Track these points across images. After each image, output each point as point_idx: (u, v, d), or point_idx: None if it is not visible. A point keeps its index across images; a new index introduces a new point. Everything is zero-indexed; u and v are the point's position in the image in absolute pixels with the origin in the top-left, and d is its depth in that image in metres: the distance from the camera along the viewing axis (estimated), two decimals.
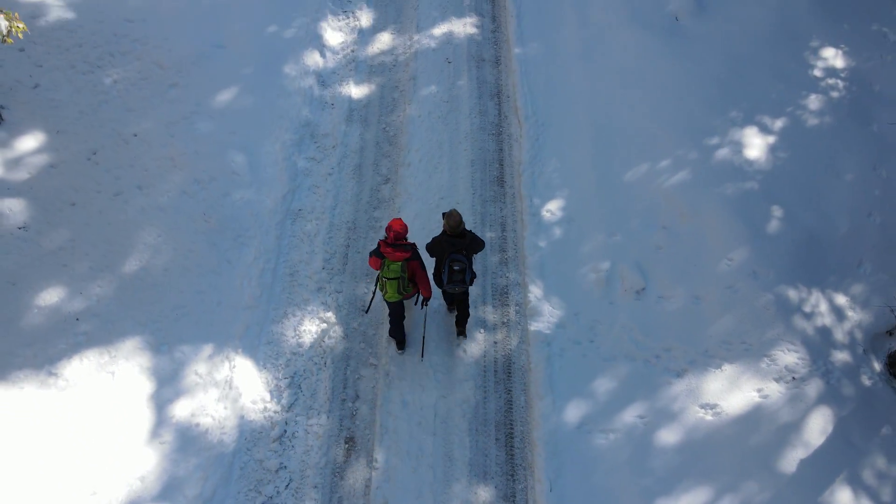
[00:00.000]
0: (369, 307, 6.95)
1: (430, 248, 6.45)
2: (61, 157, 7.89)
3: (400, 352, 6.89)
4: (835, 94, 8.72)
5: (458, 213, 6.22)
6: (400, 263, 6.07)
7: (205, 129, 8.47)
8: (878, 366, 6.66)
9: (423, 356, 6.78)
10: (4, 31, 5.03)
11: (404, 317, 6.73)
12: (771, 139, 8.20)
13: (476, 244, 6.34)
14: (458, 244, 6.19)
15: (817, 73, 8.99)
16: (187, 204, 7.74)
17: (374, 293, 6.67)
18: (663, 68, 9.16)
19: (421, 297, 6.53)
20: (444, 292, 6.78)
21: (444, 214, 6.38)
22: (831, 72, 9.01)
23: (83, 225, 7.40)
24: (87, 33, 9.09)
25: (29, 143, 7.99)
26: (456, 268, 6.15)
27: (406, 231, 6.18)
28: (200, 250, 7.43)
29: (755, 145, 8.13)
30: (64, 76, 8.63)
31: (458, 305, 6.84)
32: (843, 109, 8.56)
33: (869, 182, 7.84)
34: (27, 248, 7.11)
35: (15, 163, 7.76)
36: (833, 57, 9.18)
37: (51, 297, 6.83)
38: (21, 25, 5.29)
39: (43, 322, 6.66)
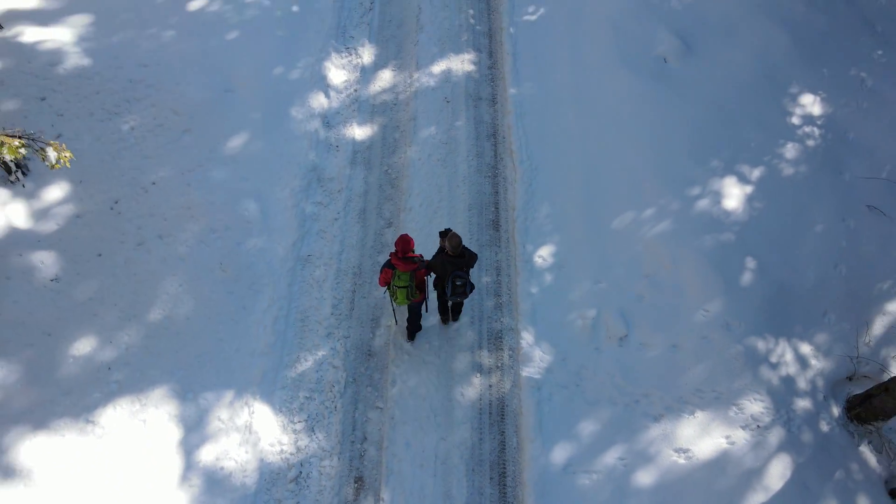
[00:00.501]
0: (395, 317, 7.96)
1: (432, 266, 7.21)
2: (86, 208, 8.49)
3: (410, 342, 7.95)
4: (810, 143, 9.30)
5: (457, 235, 6.95)
6: (409, 273, 6.94)
7: (218, 176, 9.04)
8: (836, 411, 7.39)
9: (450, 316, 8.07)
10: (53, 161, 5.57)
11: (420, 315, 7.71)
12: (748, 189, 8.81)
13: (472, 259, 7.17)
14: (458, 263, 7.02)
15: (795, 120, 9.55)
16: (205, 253, 8.36)
17: (392, 303, 7.55)
18: (650, 114, 9.71)
19: (427, 299, 7.59)
20: (442, 302, 7.80)
21: (441, 234, 7.28)
22: (808, 119, 9.58)
23: (110, 275, 8.04)
24: (104, 80, 9.59)
25: (55, 193, 8.58)
26: (458, 283, 7.01)
27: (413, 245, 7.01)
28: (219, 299, 8.08)
29: (733, 195, 8.74)
30: (84, 124, 9.17)
31: (454, 308, 7.96)
32: (817, 158, 9.15)
33: (837, 233, 8.48)
34: (60, 299, 7.76)
35: (43, 214, 8.36)
36: (811, 104, 9.73)
37: (84, 346, 7.50)
38: (68, 154, 5.80)
39: (78, 371, 7.34)
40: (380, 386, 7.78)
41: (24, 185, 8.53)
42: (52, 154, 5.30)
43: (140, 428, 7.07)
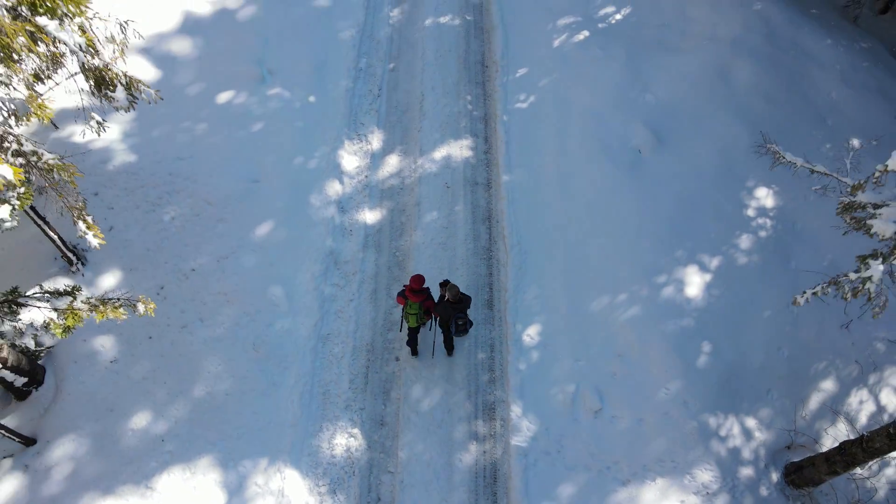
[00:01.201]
0: (401, 327, 9.84)
1: (437, 311, 9.01)
2: (136, 294, 9.92)
3: (414, 356, 9.86)
4: (762, 234, 10.78)
5: (456, 286, 8.81)
6: (418, 304, 8.82)
7: (249, 262, 10.48)
8: (775, 477, 8.86)
9: (433, 355, 9.88)
10: (142, 311, 6.94)
11: (418, 332, 9.55)
12: (707, 277, 10.29)
13: (468, 302, 9.02)
14: (458, 307, 8.91)
15: (750, 212, 11.04)
16: (240, 335, 9.80)
17: (402, 319, 9.49)
18: (626, 204, 11.18)
19: (433, 322, 9.51)
20: (447, 339, 9.66)
21: (441, 285, 9.09)
22: (762, 211, 11.07)
23: (159, 356, 9.47)
24: (147, 174, 11.03)
25: (109, 281, 10.03)
26: (460, 322, 9.03)
27: (423, 283, 8.89)
28: (252, 376, 9.51)
29: (694, 283, 10.22)
30: (131, 216, 10.62)
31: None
32: (768, 248, 10.63)
33: (783, 318, 9.95)
34: (119, 378, 9.19)
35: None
36: (765, 196, 11.23)
37: (140, 420, 8.93)
38: (153, 305, 7.12)
39: (137, 443, 8.77)
40: (391, 452, 9.22)
41: (83, 275, 9.98)
42: (140, 307, 6.67)
43: (191, 493, 8.49)
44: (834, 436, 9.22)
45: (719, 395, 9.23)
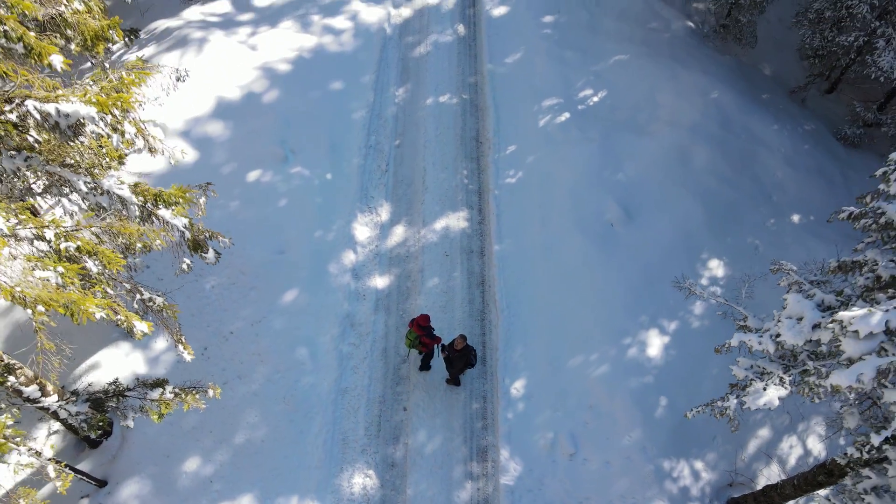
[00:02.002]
0: (408, 355, 12.18)
1: (446, 357, 11.11)
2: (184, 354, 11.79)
3: (425, 371, 12.01)
4: (713, 301, 12.75)
5: (462, 338, 10.81)
6: (414, 335, 11.17)
7: (278, 326, 12.39)
8: None
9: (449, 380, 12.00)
10: (211, 395, 8.81)
11: (432, 357, 11.76)
12: (666, 339, 12.26)
13: (471, 351, 11.07)
14: (464, 354, 10.94)
15: (704, 281, 13.04)
16: (272, 390, 11.69)
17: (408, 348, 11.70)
18: (598, 274, 13.15)
19: (439, 350, 11.43)
20: (453, 378, 11.78)
21: (453, 341, 11.04)
22: (714, 280, 13.08)
23: (206, 409, 11.32)
24: None
25: (161, 343, 11.92)
26: (457, 350, 10.97)
27: (428, 322, 11.14)
28: (283, 426, 11.38)
29: (654, 345, 12.18)
30: (177, 285, 12.51)
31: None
32: (718, 313, 12.59)
33: (726, 374, 11.88)
34: (173, 429, 11.05)
35: (155, 361, 11.70)
36: (716, 267, 13.24)
37: (192, 465, 10.79)
38: (219, 390, 8.91)
39: (189, 483, 10.62)
40: (400, 489, 11.08)
41: (140, 339, 11.86)
42: (210, 391, 8.56)
43: None
44: (767, 475, 11.15)
45: (673, 442, 11.14)
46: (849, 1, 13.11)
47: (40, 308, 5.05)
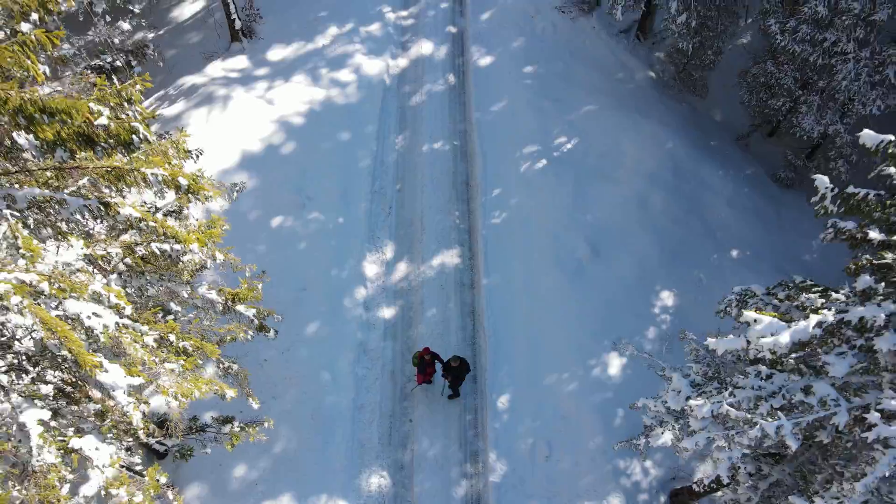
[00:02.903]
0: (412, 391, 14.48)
1: (445, 369, 13.46)
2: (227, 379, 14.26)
3: (425, 382, 14.13)
4: (664, 327, 15.38)
5: (456, 357, 13.20)
6: (418, 361, 13.39)
7: (303, 354, 14.88)
8: (663, 499, 13.42)
9: (442, 393, 14.35)
10: (266, 426, 11.29)
11: (433, 370, 13.86)
12: (624, 360, 14.86)
13: (464, 366, 13.43)
14: (461, 369, 13.27)
15: (656, 310, 15.64)
16: (301, 408, 14.19)
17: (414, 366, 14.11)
18: (571, 304, 15.70)
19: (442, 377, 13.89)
20: (454, 390, 14.24)
21: (449, 360, 13.42)
22: (664, 309, 15.68)
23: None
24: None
25: (209, 370, 14.38)
26: (454, 365, 13.32)
27: (429, 352, 13.43)
28: (311, 438, 13.90)
29: (615, 365, 14.79)
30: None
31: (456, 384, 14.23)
32: (668, 337, 15.21)
33: None
34: (222, 442, 13.53)
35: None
36: (667, 297, 15.83)
37: (240, 471, 13.31)
38: (272, 421, 11.35)
39: (239, 487, 13.14)
40: (408, 487, 13.66)
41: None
42: (242, 431, 11.07)
43: None
44: (703, 470, 13.82)
45: (628, 446, 13.76)
46: (777, 73, 15.61)
47: (180, 399, 7.51)
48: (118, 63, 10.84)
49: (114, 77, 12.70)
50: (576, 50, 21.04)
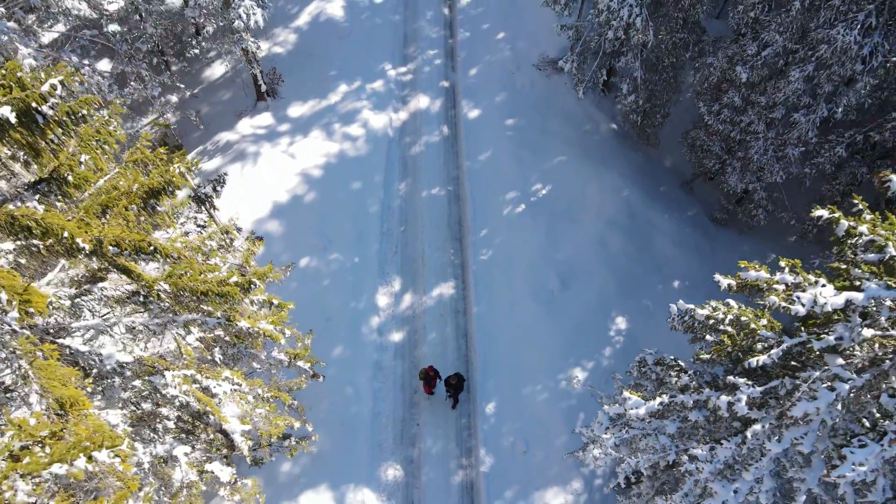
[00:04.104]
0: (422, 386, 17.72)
1: (446, 384, 16.95)
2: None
3: (429, 394, 17.57)
4: (618, 346, 19.10)
5: (456, 375, 16.75)
6: (424, 376, 16.76)
7: (332, 373, 18.45)
8: (613, 482, 17.23)
9: (445, 400, 17.61)
10: (314, 439, 14.88)
11: (435, 383, 17.28)
12: (585, 374, 18.58)
13: (460, 381, 16.94)
14: (459, 384, 16.74)
15: (612, 333, 19.35)
16: (332, 417, 17.82)
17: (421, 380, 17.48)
18: (543, 329, 19.36)
19: (444, 389, 17.26)
20: (454, 401, 17.64)
21: (449, 377, 16.92)
22: (619, 332, 19.39)
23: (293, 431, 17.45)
24: None
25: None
26: (453, 382, 16.88)
27: (433, 369, 16.97)
28: (341, 440, 17.55)
29: (579, 378, 18.51)
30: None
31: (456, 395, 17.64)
32: (621, 355, 18.93)
33: None
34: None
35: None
36: (621, 322, 19.54)
37: (286, 467, 16.94)
38: (317, 436, 15.10)
39: (285, 479, 16.78)
40: (417, 476, 17.37)
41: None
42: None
43: (319, 494, 16.58)
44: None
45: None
46: (708, 141, 19.23)
47: (269, 433, 11.08)
48: (205, 190, 14.12)
49: (213, 210, 15.80)
50: (550, 104, 24.53)
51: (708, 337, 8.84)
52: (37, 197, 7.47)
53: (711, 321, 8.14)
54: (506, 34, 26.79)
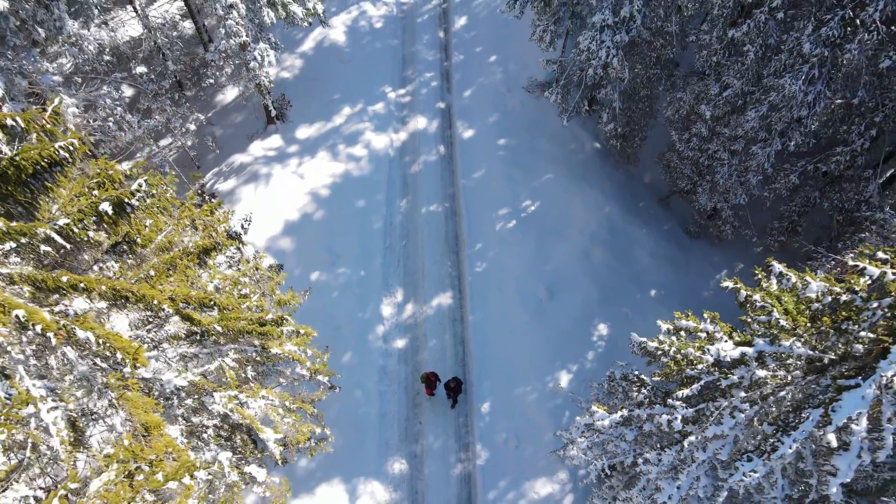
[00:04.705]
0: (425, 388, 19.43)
1: (446, 387, 18.77)
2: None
3: (430, 395, 19.32)
4: (600, 350, 20.91)
5: (454, 378, 18.59)
6: (425, 380, 18.52)
7: (342, 378, 20.23)
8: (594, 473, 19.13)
9: (451, 406, 19.38)
10: (330, 439, 16.68)
11: (435, 386, 19.02)
12: (570, 376, 20.41)
13: (459, 384, 18.71)
14: (458, 388, 18.56)
15: (595, 338, 21.16)
16: (343, 417, 19.62)
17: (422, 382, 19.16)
18: (533, 334, 21.13)
19: (444, 391, 19.03)
20: (453, 401, 19.38)
21: (448, 381, 18.73)
22: (601, 337, 21.19)
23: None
24: None
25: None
26: (452, 386, 18.61)
27: (433, 374, 18.69)
28: (353, 437, 19.36)
29: (563, 379, 20.33)
30: None
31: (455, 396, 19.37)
32: (602, 358, 20.75)
33: None
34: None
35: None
36: (603, 329, 21.34)
37: (303, 462, 18.77)
38: (333, 437, 16.91)
39: (303, 474, 18.60)
40: (421, 469, 19.21)
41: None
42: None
43: (331, 494, 18.41)
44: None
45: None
46: (680, 165, 20.97)
47: (297, 440, 12.84)
48: (236, 229, 15.74)
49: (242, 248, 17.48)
50: (539, 124, 26.17)
51: (663, 358, 10.62)
52: (113, 258, 9.22)
53: (659, 352, 9.89)
54: (497, 57, 28.38)
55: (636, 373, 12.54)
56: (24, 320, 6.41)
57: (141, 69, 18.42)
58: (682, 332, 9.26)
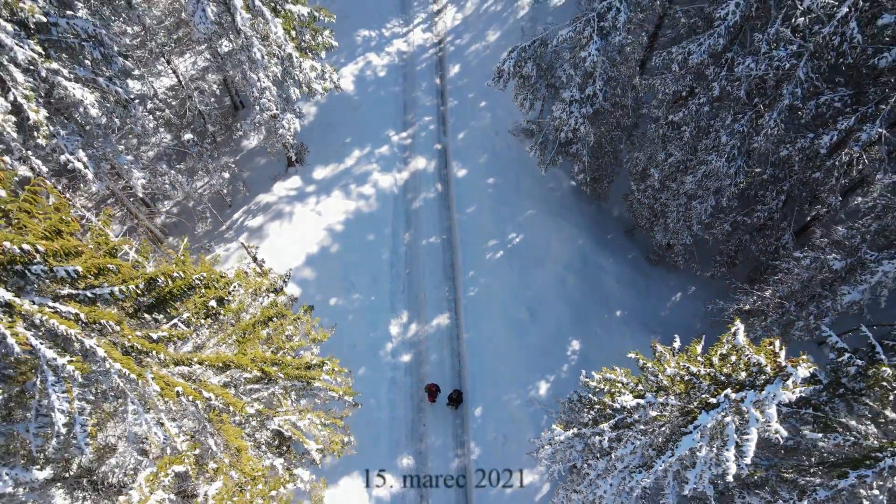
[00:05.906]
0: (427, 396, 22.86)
1: (448, 398, 22.27)
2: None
3: (432, 402, 22.76)
4: (573, 363, 24.38)
5: (456, 391, 22.02)
6: (428, 390, 21.95)
7: (358, 388, 23.69)
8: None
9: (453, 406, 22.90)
10: (349, 441, 20.11)
11: (436, 395, 22.45)
12: (548, 385, 23.89)
13: (459, 395, 22.18)
14: (460, 397, 22.05)
15: (569, 353, 24.62)
16: (360, 421, 23.00)
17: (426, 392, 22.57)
18: (516, 350, 24.55)
19: (445, 398, 22.50)
20: (453, 406, 22.77)
21: (451, 393, 22.22)
22: (574, 352, 24.65)
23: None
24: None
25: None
26: (454, 397, 22.02)
27: (435, 385, 22.11)
28: (368, 436, 22.75)
29: (542, 388, 23.80)
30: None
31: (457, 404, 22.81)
32: (574, 370, 24.23)
33: None
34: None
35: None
36: (576, 345, 24.79)
37: (327, 459, 22.28)
38: (352, 437, 20.30)
39: (327, 469, 22.13)
40: (425, 463, 22.71)
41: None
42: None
43: (348, 486, 21.92)
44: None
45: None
46: (639, 207, 24.34)
47: (333, 450, 16.26)
48: (279, 283, 19.20)
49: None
50: (523, 165, 29.44)
51: (598, 395, 14.08)
52: (207, 331, 12.63)
53: (597, 389, 13.31)
54: (486, 103, 31.57)
55: (589, 396, 15.99)
56: (214, 398, 9.84)
57: (188, 136, 21.59)
58: (609, 380, 12.68)
